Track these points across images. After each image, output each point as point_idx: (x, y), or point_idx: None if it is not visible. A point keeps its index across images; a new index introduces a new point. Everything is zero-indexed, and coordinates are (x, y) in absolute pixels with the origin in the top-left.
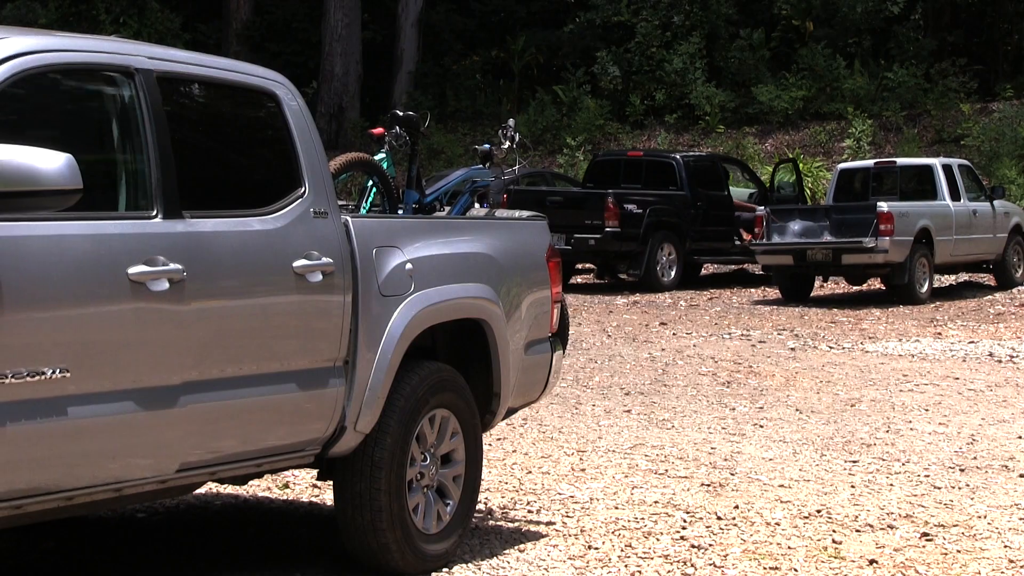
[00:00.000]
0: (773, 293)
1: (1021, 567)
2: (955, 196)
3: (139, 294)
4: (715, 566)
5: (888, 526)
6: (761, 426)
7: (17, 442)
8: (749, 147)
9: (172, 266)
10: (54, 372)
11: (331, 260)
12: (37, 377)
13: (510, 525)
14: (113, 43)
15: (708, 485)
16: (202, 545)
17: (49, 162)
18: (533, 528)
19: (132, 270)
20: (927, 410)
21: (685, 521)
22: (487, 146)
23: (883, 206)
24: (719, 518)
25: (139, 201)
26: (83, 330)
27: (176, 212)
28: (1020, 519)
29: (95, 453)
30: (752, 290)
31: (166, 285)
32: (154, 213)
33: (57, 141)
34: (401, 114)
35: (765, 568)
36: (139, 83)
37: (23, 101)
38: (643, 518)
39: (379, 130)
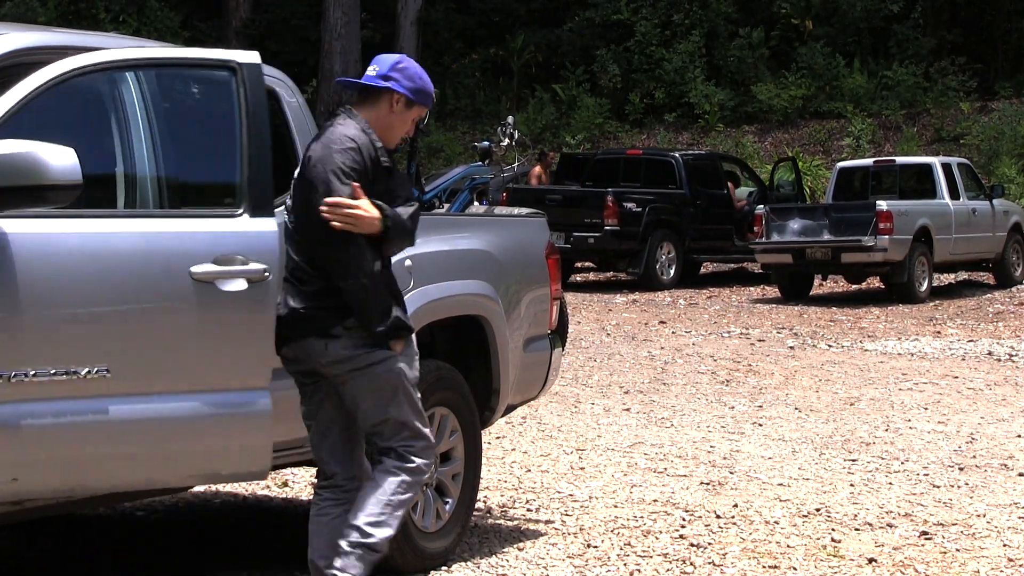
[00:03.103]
0: (772, 292)
1: (1020, 566)
2: (954, 195)
3: None
4: (714, 564)
5: (887, 525)
6: (760, 425)
7: None
8: (748, 146)
9: None
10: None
11: None
12: None
13: (509, 523)
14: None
15: (707, 484)
16: (201, 544)
17: (55, 157)
18: (532, 526)
19: None
20: (926, 409)
21: (684, 520)
22: (487, 143)
23: (882, 205)
24: (718, 516)
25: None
26: None
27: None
28: (1019, 518)
29: None
30: (751, 289)
31: None
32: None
33: None
34: None
35: (764, 567)
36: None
37: None
38: (642, 517)
39: None
